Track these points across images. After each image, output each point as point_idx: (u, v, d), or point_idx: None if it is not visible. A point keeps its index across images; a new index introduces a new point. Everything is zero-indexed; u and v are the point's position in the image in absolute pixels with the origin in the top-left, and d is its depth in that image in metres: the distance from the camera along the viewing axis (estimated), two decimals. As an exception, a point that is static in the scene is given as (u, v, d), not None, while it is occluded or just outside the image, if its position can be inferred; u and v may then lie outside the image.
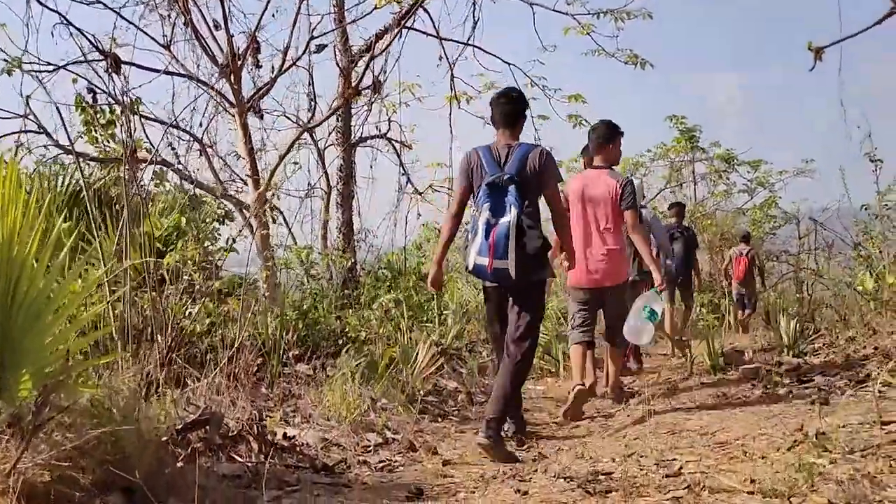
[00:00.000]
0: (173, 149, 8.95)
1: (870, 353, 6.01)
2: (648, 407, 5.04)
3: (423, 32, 9.83)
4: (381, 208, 13.58)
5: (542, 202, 4.73)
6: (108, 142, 10.38)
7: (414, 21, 9.46)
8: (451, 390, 6.50)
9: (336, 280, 9.98)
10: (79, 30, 7.55)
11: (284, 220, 13.05)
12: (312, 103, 10.65)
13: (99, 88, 8.66)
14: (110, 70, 7.68)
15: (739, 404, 4.72)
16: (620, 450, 3.78)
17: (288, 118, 11.31)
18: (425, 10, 9.48)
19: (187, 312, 6.07)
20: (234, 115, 8.35)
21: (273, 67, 8.67)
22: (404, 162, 12.43)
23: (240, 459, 3.88)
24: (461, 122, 12.82)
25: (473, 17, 9.58)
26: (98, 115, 10.28)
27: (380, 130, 11.69)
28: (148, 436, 3.47)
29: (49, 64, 8.14)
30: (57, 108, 6.85)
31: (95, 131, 10.51)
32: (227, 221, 10.16)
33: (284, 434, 4.42)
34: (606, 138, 5.87)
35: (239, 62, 8.18)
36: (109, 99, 8.86)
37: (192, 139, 9.57)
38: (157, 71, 8.09)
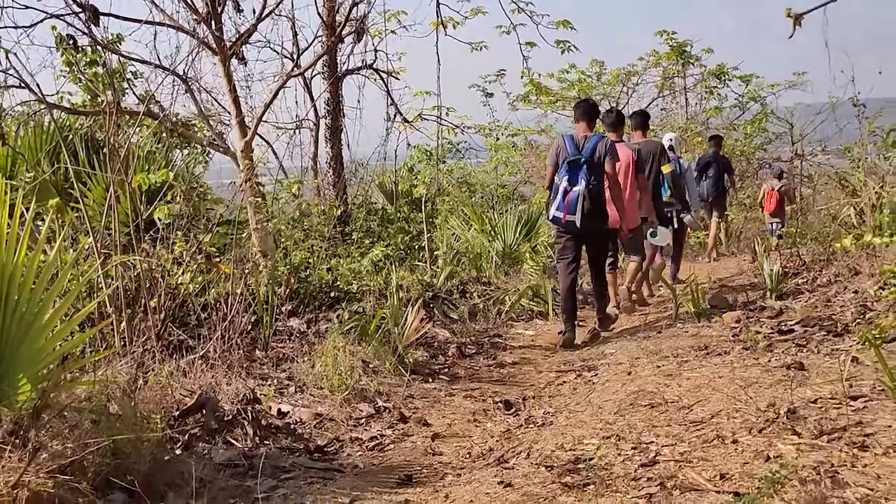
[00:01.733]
0: (157, 102, 8.84)
1: (849, 299, 6.15)
2: (631, 368, 5.22)
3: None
4: (371, 138, 13.50)
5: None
6: (92, 81, 10.29)
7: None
8: (441, 341, 6.65)
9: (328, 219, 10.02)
10: (53, -17, 7.42)
11: (274, 153, 13.04)
12: (296, 38, 10.47)
13: (79, 31, 8.56)
14: (89, 22, 7.56)
15: (719, 365, 4.87)
16: (601, 429, 3.93)
17: (273, 50, 11.16)
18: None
19: (180, 273, 6.15)
20: (216, 63, 8.25)
21: (254, 10, 8.53)
22: (392, 91, 12.32)
23: (236, 444, 4.03)
24: (449, 49, 12.61)
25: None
26: (80, 56, 10.14)
27: (365, 62, 11.53)
28: (144, 432, 3.60)
29: (27, 7, 8.02)
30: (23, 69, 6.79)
31: (79, 70, 10.38)
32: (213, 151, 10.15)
33: (279, 410, 4.58)
34: (618, 123, 7.78)
35: (219, 7, 8.03)
36: (91, 41, 8.76)
37: (175, 78, 9.47)
38: (138, 21, 7.95)
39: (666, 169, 8.20)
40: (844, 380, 3.93)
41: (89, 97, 10.30)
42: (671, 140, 9.20)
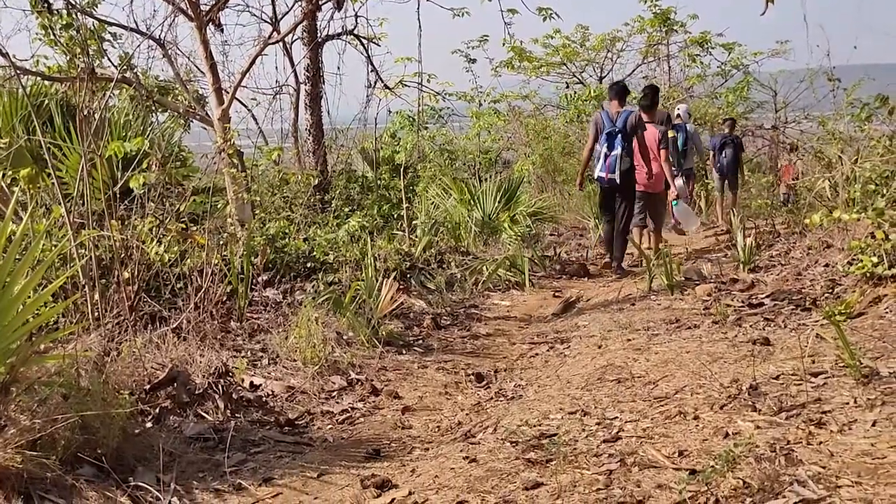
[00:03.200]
0: (133, 67, 8.76)
1: (820, 272, 6.22)
2: (602, 341, 5.29)
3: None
4: (352, 105, 13.42)
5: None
6: (68, 45, 10.17)
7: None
8: (417, 312, 6.69)
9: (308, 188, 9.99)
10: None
11: (254, 119, 12.97)
12: (274, 3, 10.36)
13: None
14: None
15: (688, 339, 4.93)
16: (568, 404, 3.99)
17: (252, 14, 11.04)
18: None
19: (155, 242, 6.12)
20: (193, 27, 8.16)
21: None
22: (373, 57, 12.24)
23: (207, 417, 4.07)
24: (431, 15, 12.52)
25: None
26: (56, 19, 10.01)
27: (346, 28, 11.44)
28: (114, 406, 3.62)
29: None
30: None
31: (54, 34, 10.26)
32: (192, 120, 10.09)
33: (251, 383, 4.61)
34: (652, 106, 9.05)
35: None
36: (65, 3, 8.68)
37: (152, 42, 9.39)
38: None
39: (670, 133, 9.64)
40: (807, 356, 4.00)
41: (67, 59, 10.19)
42: (679, 109, 11.16)
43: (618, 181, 8.04)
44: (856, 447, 2.97)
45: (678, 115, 11.01)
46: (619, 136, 8.00)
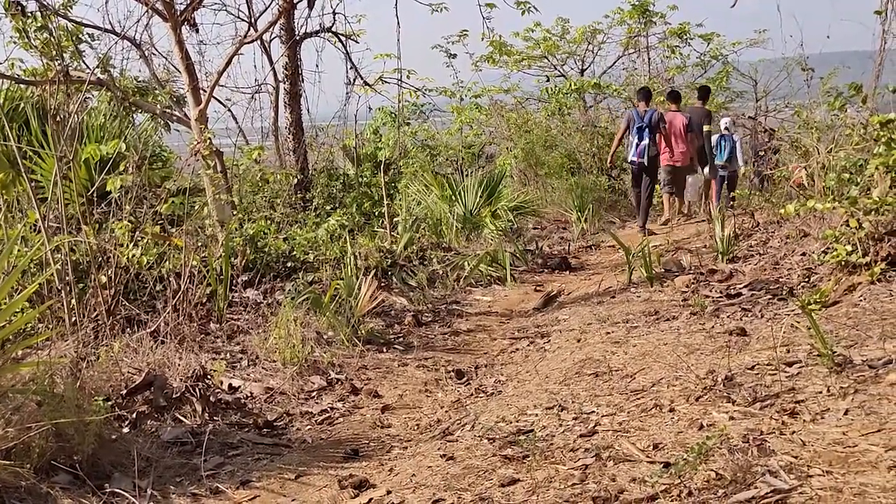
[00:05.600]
0: (109, 69, 8.70)
1: (797, 261, 6.26)
2: (581, 334, 5.30)
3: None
4: (331, 103, 13.37)
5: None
6: (45, 47, 10.08)
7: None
8: (398, 310, 6.69)
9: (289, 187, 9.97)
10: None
11: (234, 118, 12.90)
12: (249, 1, 10.30)
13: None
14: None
15: (666, 331, 4.95)
16: (545, 399, 4.00)
17: (229, 13, 10.98)
18: None
19: (132, 245, 6.08)
20: (168, 29, 8.11)
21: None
22: (352, 54, 12.19)
23: (185, 421, 4.06)
24: (409, 10, 12.49)
25: None
26: (30, 21, 9.94)
27: (323, 25, 11.39)
28: (89, 413, 3.59)
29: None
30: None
31: (28, 37, 10.18)
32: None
33: (230, 385, 4.60)
34: (677, 99, 11.56)
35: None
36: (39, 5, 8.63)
37: (128, 43, 9.34)
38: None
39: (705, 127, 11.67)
40: (782, 346, 4.03)
41: (45, 62, 10.10)
42: (727, 122, 12.95)
43: (646, 163, 10.41)
44: (828, 436, 3.00)
45: (726, 128, 12.76)
46: (647, 129, 10.30)
